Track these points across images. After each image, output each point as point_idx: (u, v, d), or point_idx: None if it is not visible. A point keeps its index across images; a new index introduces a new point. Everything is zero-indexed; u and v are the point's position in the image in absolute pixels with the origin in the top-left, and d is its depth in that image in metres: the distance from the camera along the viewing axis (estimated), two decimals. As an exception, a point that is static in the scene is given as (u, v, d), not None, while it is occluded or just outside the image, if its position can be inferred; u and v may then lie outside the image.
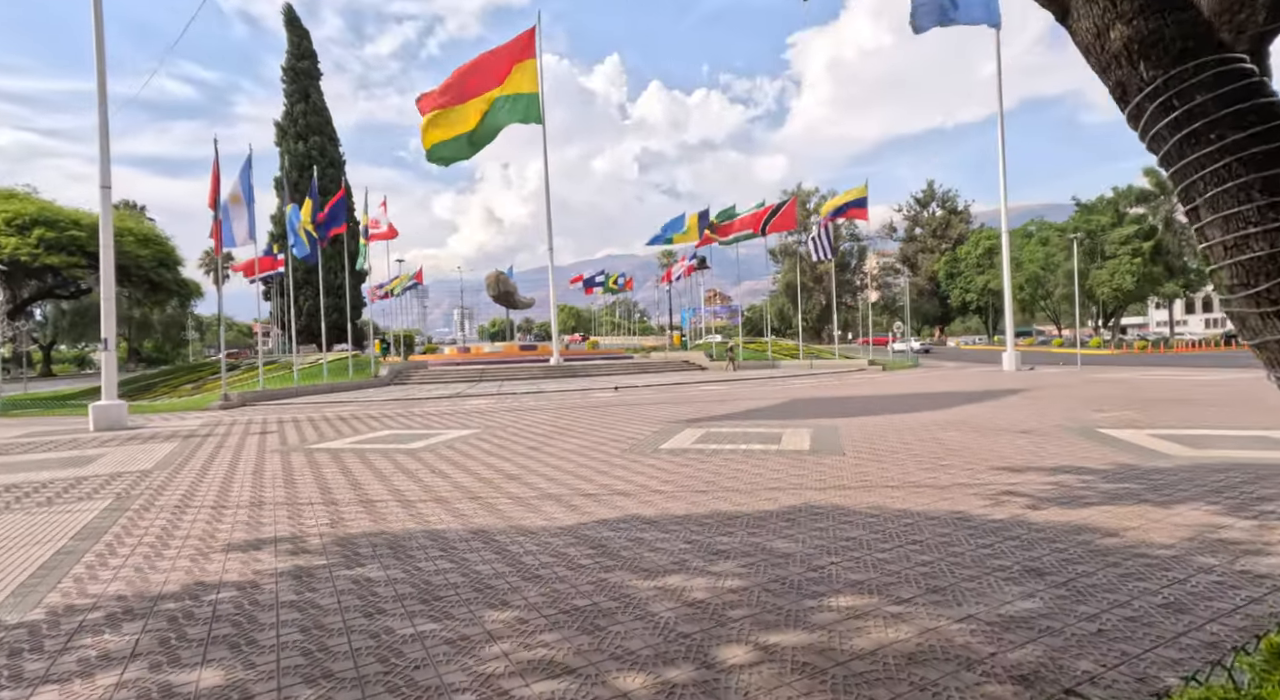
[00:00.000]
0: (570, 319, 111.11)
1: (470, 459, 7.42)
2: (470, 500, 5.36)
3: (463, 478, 6.31)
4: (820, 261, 29.26)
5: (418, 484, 6.08)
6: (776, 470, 6.12)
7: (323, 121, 44.30)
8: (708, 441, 8.07)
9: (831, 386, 17.88)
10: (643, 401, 14.84)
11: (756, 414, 11.20)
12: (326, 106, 45.08)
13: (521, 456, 7.49)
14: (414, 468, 6.96)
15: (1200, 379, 15.83)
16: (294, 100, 43.62)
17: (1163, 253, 46.85)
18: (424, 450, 8.24)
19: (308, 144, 42.94)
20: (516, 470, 6.62)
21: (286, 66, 44.09)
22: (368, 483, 6.21)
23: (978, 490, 4.97)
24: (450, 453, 7.94)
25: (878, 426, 8.96)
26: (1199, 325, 79.02)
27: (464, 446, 8.45)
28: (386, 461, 7.44)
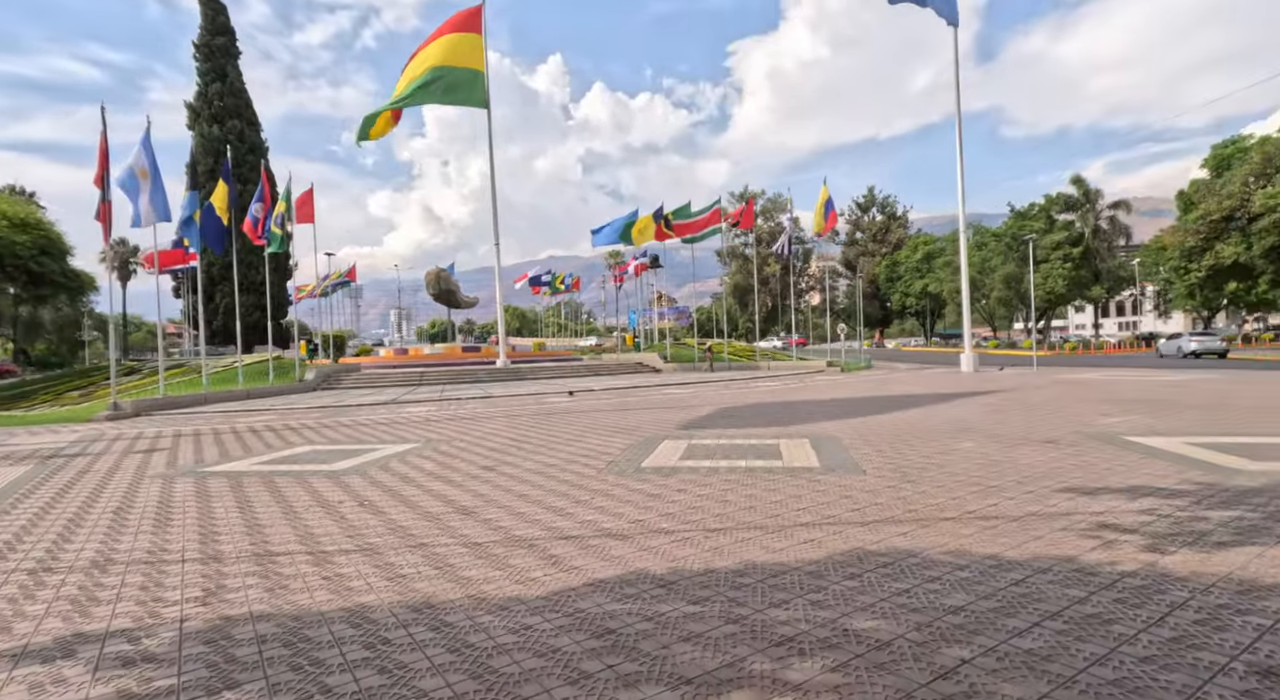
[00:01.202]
0: (514, 320, 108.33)
1: (410, 484, 5.98)
2: (411, 549, 3.98)
3: (401, 513, 4.90)
4: (780, 258, 28.79)
5: (340, 524, 4.64)
6: (796, 496, 5.00)
7: (241, 104, 40.82)
8: (696, 456, 6.91)
9: (800, 389, 17.12)
10: (604, 407, 13.58)
11: (737, 421, 10.13)
12: (246, 89, 41.61)
13: (475, 480, 6.10)
14: (336, 499, 5.47)
15: (1165, 379, 15.92)
16: (208, 80, 39.99)
17: (1089, 258, 49.31)
18: (351, 472, 6.71)
19: (224, 127, 39.43)
20: (471, 500, 5.25)
21: (200, 43, 40.39)
22: (271, 524, 4.71)
23: (1064, 525, 3.99)
24: (385, 476, 6.46)
25: (879, 435, 8.03)
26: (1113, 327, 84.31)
27: (402, 467, 6.97)
28: (301, 490, 5.90)
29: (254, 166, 38.65)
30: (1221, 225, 34.97)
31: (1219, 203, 34.51)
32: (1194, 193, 39.51)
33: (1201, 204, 36.32)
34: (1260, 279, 36.41)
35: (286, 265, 43.21)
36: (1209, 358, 29.16)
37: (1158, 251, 45.19)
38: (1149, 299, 69.90)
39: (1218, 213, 34.55)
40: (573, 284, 58.05)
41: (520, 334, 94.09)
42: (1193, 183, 40.84)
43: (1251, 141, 37.23)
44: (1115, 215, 50.72)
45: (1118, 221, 50.47)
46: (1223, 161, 38.17)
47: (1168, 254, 40.46)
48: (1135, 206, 53.52)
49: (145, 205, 14.92)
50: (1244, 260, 34.29)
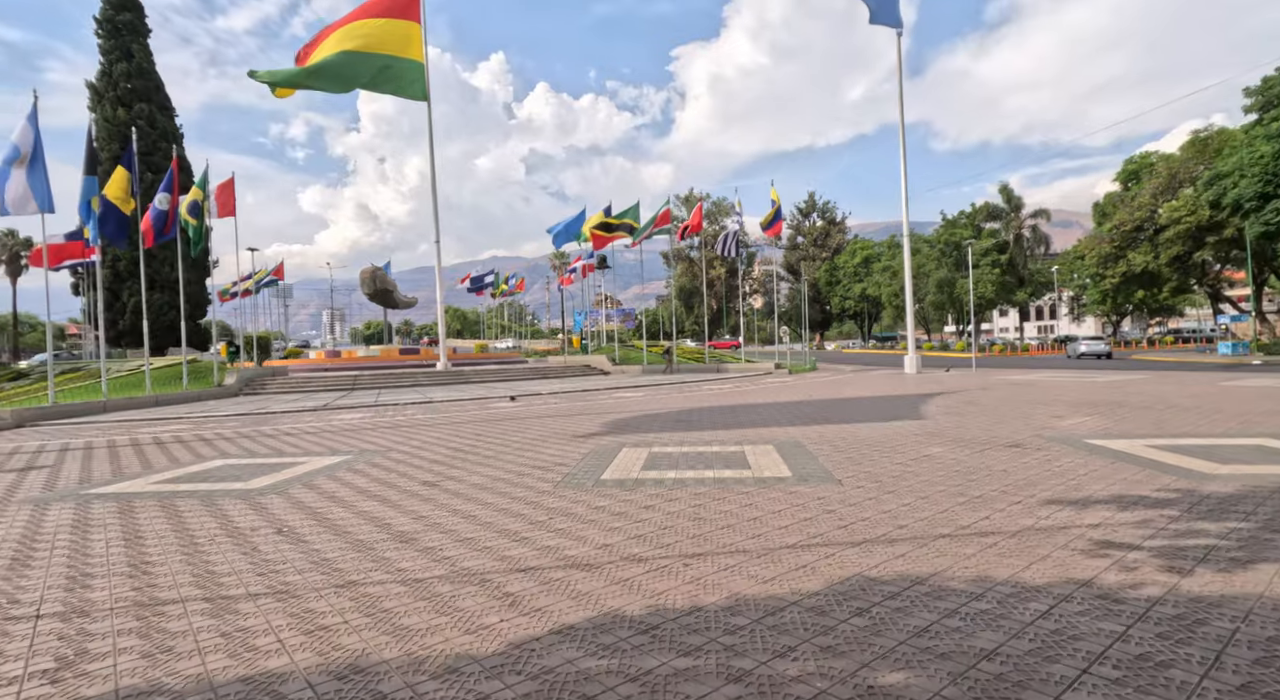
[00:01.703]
0: (456, 321, 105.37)
1: (339, 505, 5.25)
2: (337, 591, 3.32)
3: (326, 542, 4.20)
4: (726, 258, 28.81)
5: (251, 559, 3.90)
6: (775, 511, 4.60)
7: (151, 87, 37.70)
8: (660, 466, 6.44)
9: (754, 391, 16.96)
10: (554, 413, 12.95)
11: (695, 425, 9.74)
12: (156, 71, 38.46)
13: (415, 498, 5.42)
14: (249, 525, 4.70)
15: (1100, 381, 16.61)
16: (112, 58, 36.72)
17: (1014, 264, 52.05)
18: (270, 492, 5.89)
19: (131, 111, 36.31)
20: (410, 524, 4.59)
21: (102, 18, 37.04)
22: (163, 561, 3.93)
23: (1065, 541, 3.73)
24: (309, 496, 5.68)
25: (844, 440, 7.79)
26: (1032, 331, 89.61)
27: (330, 484, 6.18)
28: (207, 515, 5.07)
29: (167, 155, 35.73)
30: (1133, 235, 37.55)
31: (1130, 214, 37.05)
32: (1108, 204, 42.37)
33: (1115, 215, 38.95)
34: (1165, 286, 39.31)
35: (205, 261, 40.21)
36: (1102, 358, 33.83)
37: (1075, 259, 48.21)
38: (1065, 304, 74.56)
39: (1129, 223, 37.08)
40: (517, 285, 56.70)
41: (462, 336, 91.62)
42: (1107, 195, 43.83)
43: (1156, 157, 40.24)
44: (1036, 224, 53.86)
45: (1039, 230, 53.61)
46: (1132, 175, 41.08)
47: (1086, 261, 43.20)
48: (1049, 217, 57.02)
49: (16, 190, 13.26)
50: (1152, 268, 36.98)
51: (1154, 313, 60.25)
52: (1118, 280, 38.77)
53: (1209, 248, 33.75)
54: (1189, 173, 34.24)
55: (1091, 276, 42.93)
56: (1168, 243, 34.86)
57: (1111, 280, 39.22)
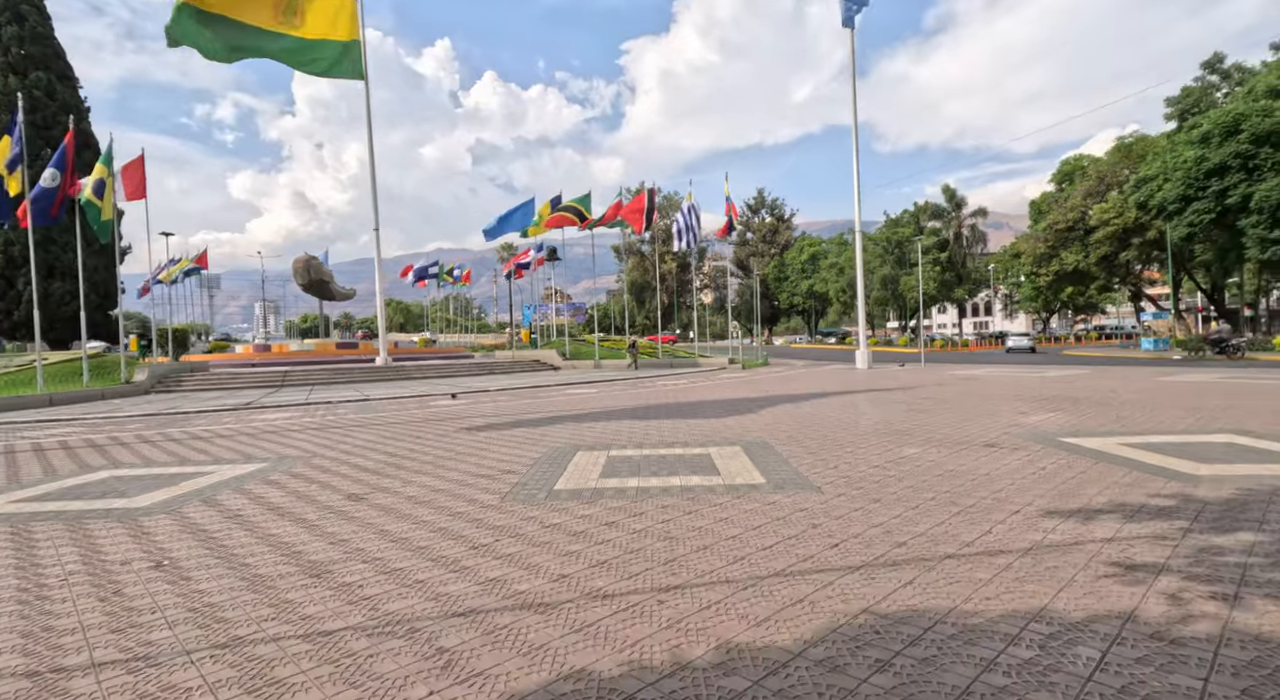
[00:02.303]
0: (399, 315, 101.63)
1: (242, 527, 4.40)
2: (214, 654, 2.56)
3: (214, 580, 3.39)
4: (680, 253, 28.38)
5: (108, 607, 3.08)
6: (755, 526, 4.06)
7: (49, 54, 34.28)
8: (620, 473, 5.82)
9: (710, 387, 16.54)
10: (502, 413, 12.16)
11: (655, 425, 9.16)
12: (55, 37, 34.97)
13: (337, 517, 4.63)
14: (120, 558, 3.82)
15: (1048, 376, 16.92)
16: (2, 20, 33.11)
17: (954, 262, 53.93)
18: (159, 511, 4.97)
19: (26, 80, 32.88)
20: (327, 551, 3.83)
21: (-8, -26, 33.38)
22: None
23: (1083, 561, 3.32)
24: (207, 515, 4.79)
25: (813, 439, 7.37)
26: (969, 327, 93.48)
27: (236, 499, 5.29)
28: (69, 545, 4.15)
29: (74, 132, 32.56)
30: (1065, 235, 39.39)
31: (1063, 214, 38.83)
32: (1043, 203, 44.37)
33: (1049, 214, 40.78)
34: (1092, 285, 41.41)
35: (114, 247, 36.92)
36: (1027, 353, 36.12)
37: (1012, 257, 50.40)
38: (999, 300, 78.03)
39: (1062, 223, 38.86)
40: (463, 277, 54.84)
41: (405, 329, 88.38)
42: (1043, 194, 45.89)
43: (1088, 161, 42.35)
44: (975, 223, 55.98)
45: (977, 228, 55.75)
46: (1066, 176, 43.11)
47: (1022, 259, 45.14)
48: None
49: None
50: (1082, 267, 38.91)
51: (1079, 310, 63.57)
52: (1051, 277, 40.66)
53: (1133, 249, 35.75)
54: (1115, 176, 36.12)
55: (1027, 274, 44.95)
56: (1097, 243, 36.71)
57: (1045, 277, 41.09)
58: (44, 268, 34.51)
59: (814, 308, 78.54)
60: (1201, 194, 27.00)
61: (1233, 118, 25.46)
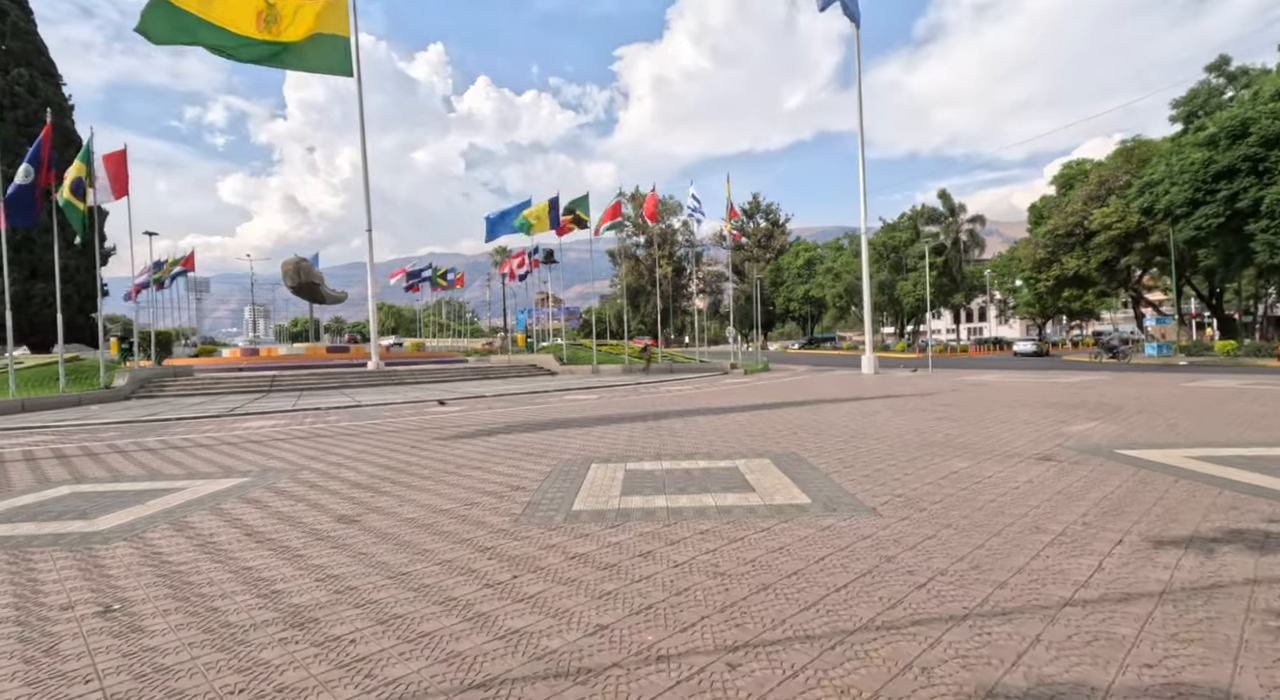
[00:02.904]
0: (390, 319, 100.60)
1: (213, 558, 3.76)
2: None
3: (173, 632, 2.75)
4: (678, 255, 27.92)
5: (31, 673, 2.44)
6: (817, 559, 3.46)
7: (31, 49, 33.43)
8: (643, 489, 5.22)
9: (718, 393, 15.96)
10: (501, 420, 11.52)
11: (669, 434, 8.56)
12: (38, 33, 34.13)
13: (325, 544, 3.99)
14: (63, 600, 3.18)
15: (1065, 382, 16.46)
16: (-14, 15, 32.30)
17: (950, 267, 53.72)
18: (118, 538, 4.31)
19: (8, 77, 32.04)
20: (309, 591, 3.19)
21: (-27, -32, 32.54)
22: (-124, 686, 2.39)
23: (1239, 611, 2.75)
24: (174, 542, 4.14)
25: (845, 450, 6.79)
26: (963, 332, 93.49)
27: (208, 521, 4.64)
28: (4, 582, 3.49)
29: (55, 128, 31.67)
30: (1065, 240, 39.16)
31: (1064, 219, 38.60)
32: (1044, 207, 44.19)
33: (1049, 219, 40.57)
34: (1091, 290, 41.19)
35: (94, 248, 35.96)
36: (1035, 356, 38.26)
37: (1010, 261, 50.22)
38: (994, 306, 78.02)
39: (1063, 228, 38.64)
40: (456, 281, 54.04)
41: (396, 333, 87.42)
42: (1043, 198, 45.72)
43: (1090, 165, 42.23)
44: (974, 228, 55.85)
45: (975, 234, 55.62)
46: (1067, 181, 42.95)
47: (1021, 264, 44.90)
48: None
49: None
50: (1083, 272, 38.69)
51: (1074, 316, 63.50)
52: (1051, 282, 40.40)
53: (1135, 253, 35.55)
54: (1116, 180, 35.93)
55: (1026, 279, 44.71)
56: (1098, 248, 36.48)
57: (1045, 282, 40.82)
58: (27, 268, 33.52)
59: (810, 313, 78.23)
60: (1210, 197, 26.75)
61: (1240, 121, 25.30)
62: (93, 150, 17.66)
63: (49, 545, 4.19)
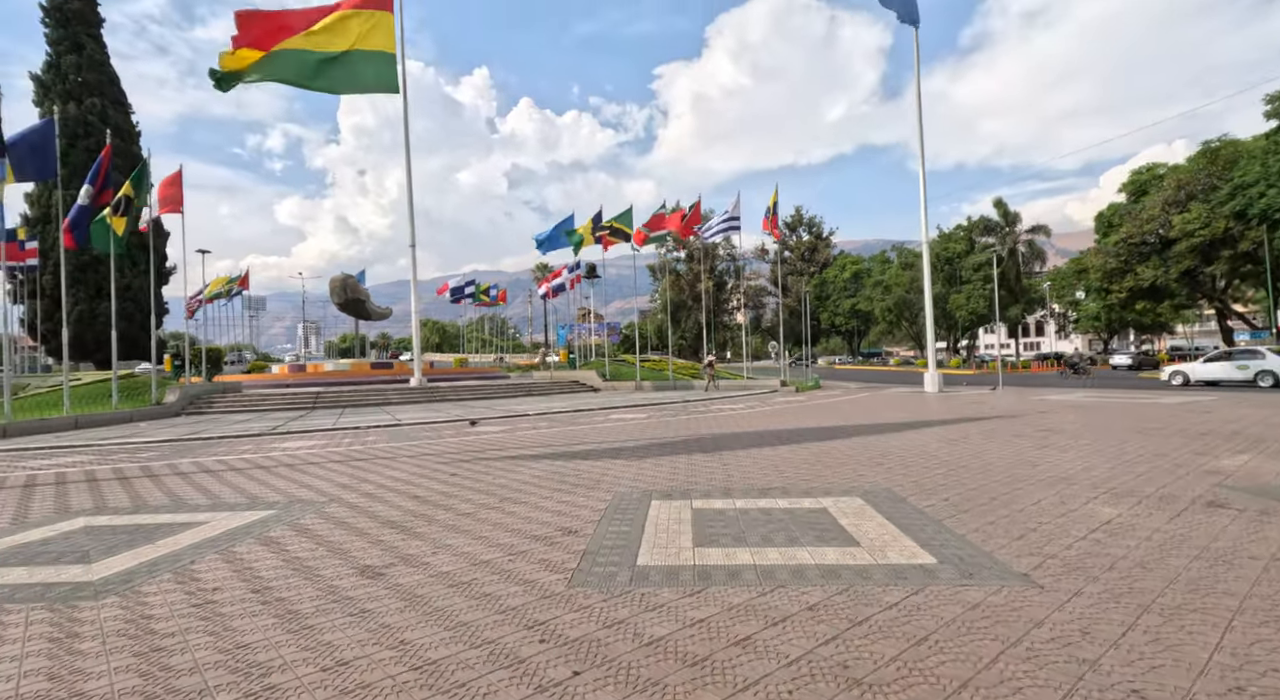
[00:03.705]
0: (434, 335, 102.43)
1: (210, 625, 3.06)
2: None
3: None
4: (727, 238, 27.07)
5: None
6: (986, 661, 2.53)
7: (104, 80, 35.15)
8: (718, 537, 4.34)
9: (774, 414, 14.93)
10: (545, 443, 10.80)
11: (734, 462, 7.65)
12: (110, 63, 35.89)
13: (340, 609, 3.24)
14: (10, 688, 2.50)
15: (1167, 402, 14.84)
16: (61, 49, 34.17)
17: (1008, 279, 51.07)
18: (110, 590, 3.68)
19: (82, 106, 33.67)
20: (309, 690, 2.43)
21: (50, 6, 34.52)
22: None
23: None
24: (170, 600, 3.47)
25: (949, 487, 5.76)
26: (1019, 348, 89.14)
27: (216, 570, 3.98)
28: (-45, 657, 2.85)
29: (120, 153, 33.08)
30: (1140, 248, 36.52)
31: (1139, 226, 36.02)
32: (1112, 215, 41.47)
33: (1121, 227, 37.95)
34: (1165, 303, 38.23)
35: (162, 267, 37.38)
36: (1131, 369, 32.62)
37: (1076, 273, 47.35)
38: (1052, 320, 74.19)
39: (1137, 236, 36.07)
40: (499, 296, 54.38)
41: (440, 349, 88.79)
42: (1111, 206, 42.94)
43: (1164, 169, 39.51)
44: (1033, 239, 53.13)
45: (1035, 244, 52.88)
46: (1139, 187, 40.24)
47: (1090, 274, 42.13)
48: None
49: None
50: (1161, 282, 35.94)
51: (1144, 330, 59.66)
52: (1124, 295, 37.65)
53: (1222, 262, 32.77)
54: (1198, 184, 33.34)
55: (1096, 290, 41.88)
56: (1178, 256, 33.83)
57: (1118, 294, 38.07)
58: (93, 288, 34.98)
59: (856, 327, 75.87)
60: (1315, 199, 24.35)
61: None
62: (149, 171, 17.97)
63: (33, 601, 3.58)
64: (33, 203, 33.85)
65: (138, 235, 37.52)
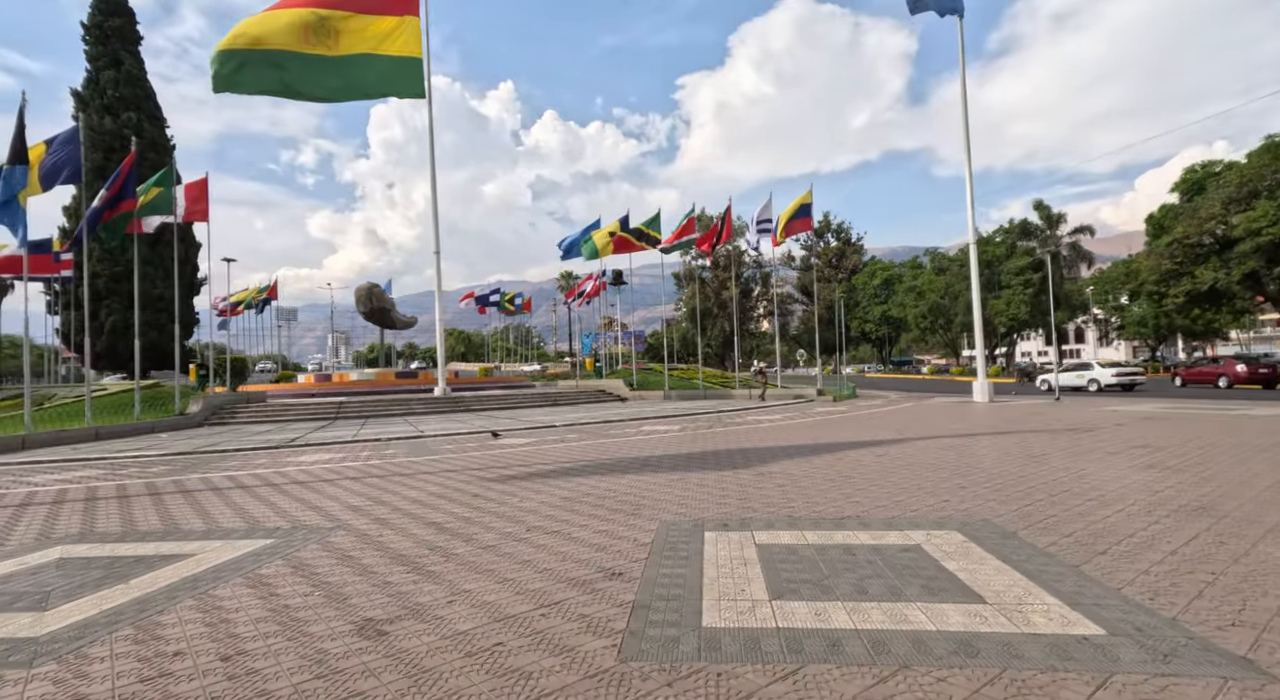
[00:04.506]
0: (460, 344, 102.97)
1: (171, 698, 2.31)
2: None
3: None
4: (756, 249, 26.12)
5: None
6: None
7: (141, 95, 35.74)
8: (798, 589, 3.48)
9: (815, 426, 13.96)
10: (575, 458, 10.02)
11: (790, 485, 6.77)
12: (147, 79, 36.53)
13: (328, 690, 2.47)
14: None
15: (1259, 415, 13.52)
16: (100, 65, 34.85)
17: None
18: (49, 653, 2.96)
19: (119, 120, 34.25)
20: None
21: (91, 23, 35.27)
22: None
23: None
24: (120, 668, 2.73)
25: (1071, 521, 4.80)
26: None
27: (188, 623, 3.24)
28: None
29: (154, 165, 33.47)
30: (1196, 249, 34.47)
31: (1197, 226, 34.00)
32: (1164, 217, 39.32)
33: (1175, 228, 35.87)
34: (1223, 307, 35.94)
35: (193, 278, 37.74)
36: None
37: (1127, 276, 45.06)
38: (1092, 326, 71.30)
39: (1194, 236, 34.07)
40: (523, 305, 54.10)
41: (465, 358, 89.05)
42: (1163, 207, 40.75)
43: (1221, 166, 37.34)
44: (1077, 241, 50.95)
45: (1079, 247, 50.67)
46: (1194, 185, 38.08)
47: (1142, 277, 39.99)
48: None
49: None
50: (1221, 285, 33.79)
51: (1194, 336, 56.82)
52: (1182, 299, 35.48)
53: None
54: (1263, 180, 31.30)
55: (1149, 294, 39.65)
56: (1241, 257, 31.78)
57: (1175, 299, 35.91)
58: (126, 298, 35.39)
59: (887, 335, 73.87)
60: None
61: None
62: (175, 174, 17.81)
63: (-46, 664, 2.88)
64: (69, 214, 34.47)
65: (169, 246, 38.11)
